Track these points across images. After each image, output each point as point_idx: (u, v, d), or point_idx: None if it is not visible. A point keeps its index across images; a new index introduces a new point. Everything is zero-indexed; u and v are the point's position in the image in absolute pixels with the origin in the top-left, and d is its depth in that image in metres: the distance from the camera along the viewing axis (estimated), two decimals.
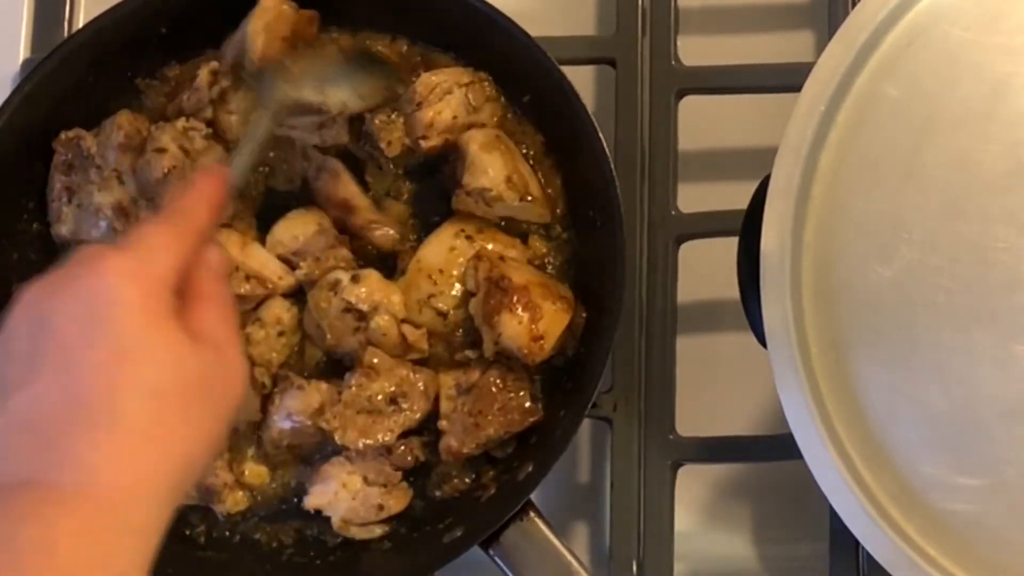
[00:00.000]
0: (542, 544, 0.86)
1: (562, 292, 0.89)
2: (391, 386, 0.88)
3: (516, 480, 0.87)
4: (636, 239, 0.95)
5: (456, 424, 0.88)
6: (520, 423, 0.88)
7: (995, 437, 0.75)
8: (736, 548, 0.97)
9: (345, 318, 0.89)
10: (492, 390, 0.88)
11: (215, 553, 0.92)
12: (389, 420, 0.88)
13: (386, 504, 0.88)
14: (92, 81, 0.93)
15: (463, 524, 0.88)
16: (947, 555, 0.75)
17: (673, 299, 0.95)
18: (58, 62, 0.92)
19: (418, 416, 0.88)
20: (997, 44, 0.78)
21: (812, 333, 0.78)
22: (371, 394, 0.88)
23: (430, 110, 0.91)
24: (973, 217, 0.76)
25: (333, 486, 0.89)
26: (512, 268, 0.88)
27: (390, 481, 0.89)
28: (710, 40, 1.02)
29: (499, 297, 0.87)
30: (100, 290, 0.67)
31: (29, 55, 1.03)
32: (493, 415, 0.88)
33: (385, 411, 0.88)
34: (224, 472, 0.90)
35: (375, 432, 0.88)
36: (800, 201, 0.79)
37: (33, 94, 0.92)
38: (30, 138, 0.93)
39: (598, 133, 0.88)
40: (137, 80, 0.95)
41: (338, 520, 0.89)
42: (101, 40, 0.93)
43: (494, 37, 0.91)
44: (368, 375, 0.88)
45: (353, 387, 0.88)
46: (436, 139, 0.91)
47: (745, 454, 0.96)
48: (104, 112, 0.94)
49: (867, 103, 0.79)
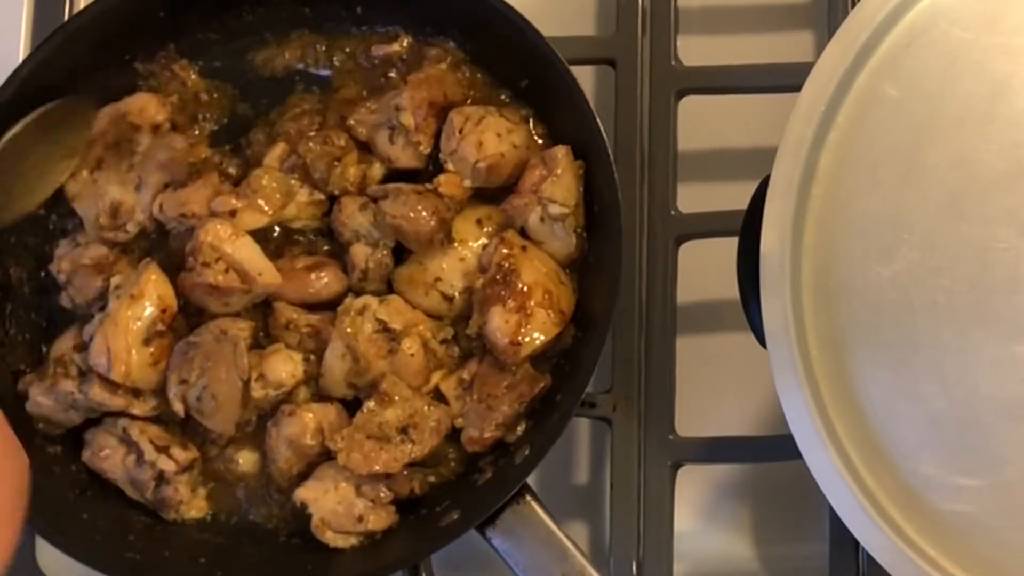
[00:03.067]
0: (538, 527, 0.87)
1: (563, 305, 0.89)
2: (404, 416, 0.88)
3: (513, 464, 0.87)
4: (636, 239, 0.95)
5: (470, 415, 0.89)
6: (531, 393, 0.88)
7: (995, 437, 0.75)
8: (736, 548, 0.97)
9: (377, 340, 0.89)
10: (494, 373, 0.88)
11: (211, 536, 0.92)
12: (396, 450, 0.88)
13: (366, 518, 0.88)
14: (91, 64, 0.94)
15: (460, 507, 0.88)
16: (947, 555, 0.75)
17: (673, 299, 0.95)
18: (57, 44, 0.92)
19: (425, 451, 0.88)
20: (997, 44, 0.78)
21: (812, 333, 0.78)
22: (383, 421, 0.88)
23: (474, 136, 0.90)
24: (973, 217, 0.76)
25: (326, 484, 0.89)
26: (527, 262, 0.88)
27: (379, 501, 0.89)
28: (710, 40, 1.02)
29: (500, 288, 0.87)
30: None
31: (30, 40, 1.03)
32: (502, 393, 0.88)
33: (394, 439, 0.88)
34: (184, 489, 0.91)
35: (379, 459, 0.88)
36: (800, 201, 0.79)
37: (32, 77, 0.92)
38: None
39: (598, 124, 0.88)
40: (136, 63, 0.96)
41: (317, 519, 0.89)
42: (100, 23, 0.93)
43: (494, 24, 0.91)
44: (382, 401, 0.88)
45: (366, 411, 0.88)
46: (490, 159, 0.90)
47: (745, 454, 0.96)
48: (101, 95, 0.94)
49: (867, 103, 0.79)
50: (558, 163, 0.89)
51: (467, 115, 0.91)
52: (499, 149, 0.90)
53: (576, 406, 0.87)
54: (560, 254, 0.90)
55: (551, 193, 0.89)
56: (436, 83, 0.92)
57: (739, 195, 0.85)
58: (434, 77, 0.92)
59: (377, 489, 0.88)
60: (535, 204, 0.89)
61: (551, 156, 0.90)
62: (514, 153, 0.91)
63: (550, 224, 0.90)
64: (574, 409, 0.87)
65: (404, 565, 0.89)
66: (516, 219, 0.90)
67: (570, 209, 0.89)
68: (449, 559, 0.91)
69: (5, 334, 0.93)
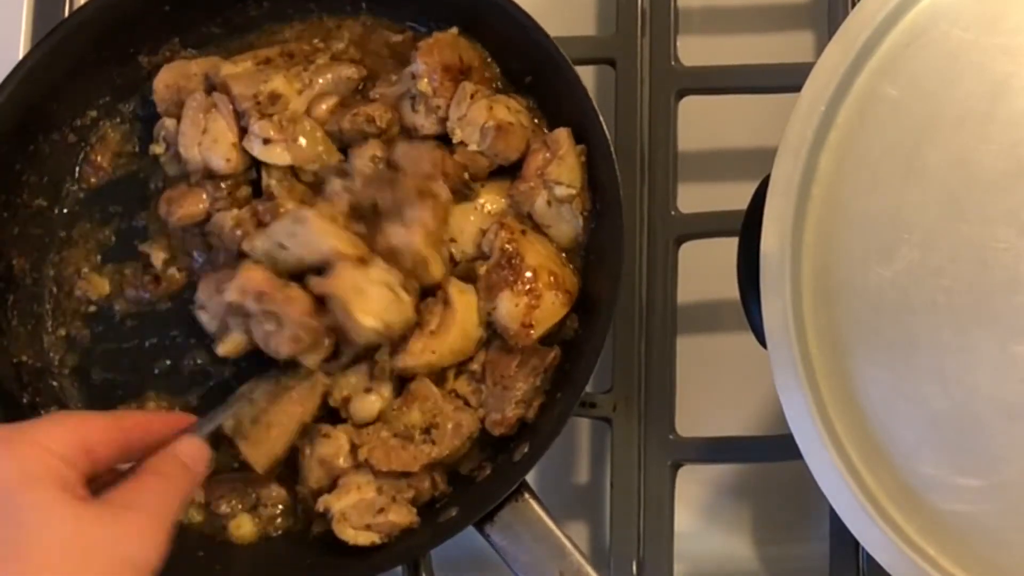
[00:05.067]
0: (537, 525, 0.87)
1: (568, 285, 0.89)
2: (429, 417, 0.88)
3: (512, 461, 0.88)
4: (636, 239, 0.95)
5: (490, 401, 0.89)
6: (543, 364, 0.88)
7: (995, 437, 0.75)
8: (736, 548, 0.97)
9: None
10: (502, 357, 0.89)
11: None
12: (417, 450, 0.88)
13: (387, 510, 0.88)
14: (95, 57, 0.94)
15: (459, 504, 0.88)
16: (947, 555, 0.75)
17: (673, 299, 0.95)
18: (60, 38, 0.93)
19: (444, 452, 0.88)
20: (997, 44, 0.78)
21: (812, 333, 0.78)
22: (408, 421, 0.88)
23: (485, 102, 0.90)
24: (973, 217, 0.76)
25: (349, 488, 0.88)
26: (529, 246, 0.88)
27: (400, 499, 0.88)
28: (710, 40, 1.02)
29: (506, 273, 0.87)
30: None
31: (30, 35, 1.03)
32: (515, 373, 0.88)
33: (416, 440, 0.88)
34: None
35: (400, 458, 0.88)
36: (800, 201, 0.79)
37: (35, 69, 0.92)
38: (32, 113, 0.93)
39: (600, 121, 0.89)
40: (140, 57, 0.96)
41: (338, 514, 0.88)
42: (104, 17, 0.93)
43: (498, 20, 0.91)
44: (408, 401, 0.89)
45: (394, 409, 0.89)
46: (499, 122, 0.90)
47: (745, 454, 0.96)
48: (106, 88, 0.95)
49: (867, 103, 0.79)
50: (560, 144, 0.90)
51: (479, 88, 0.91)
52: (508, 118, 0.90)
53: (576, 404, 0.87)
54: (567, 237, 0.91)
55: (557, 175, 0.89)
56: (448, 48, 0.92)
57: (739, 195, 0.85)
58: (444, 41, 0.92)
59: (400, 487, 0.88)
60: (541, 188, 0.90)
61: (553, 139, 0.90)
62: (523, 129, 0.91)
63: (557, 207, 0.90)
64: (573, 408, 0.87)
65: (403, 561, 0.89)
66: (523, 204, 0.90)
67: (576, 190, 0.90)
68: (448, 558, 0.91)
69: (8, 324, 0.94)
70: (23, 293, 0.95)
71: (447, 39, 0.92)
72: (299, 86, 0.93)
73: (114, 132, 0.97)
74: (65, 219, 0.96)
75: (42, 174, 0.95)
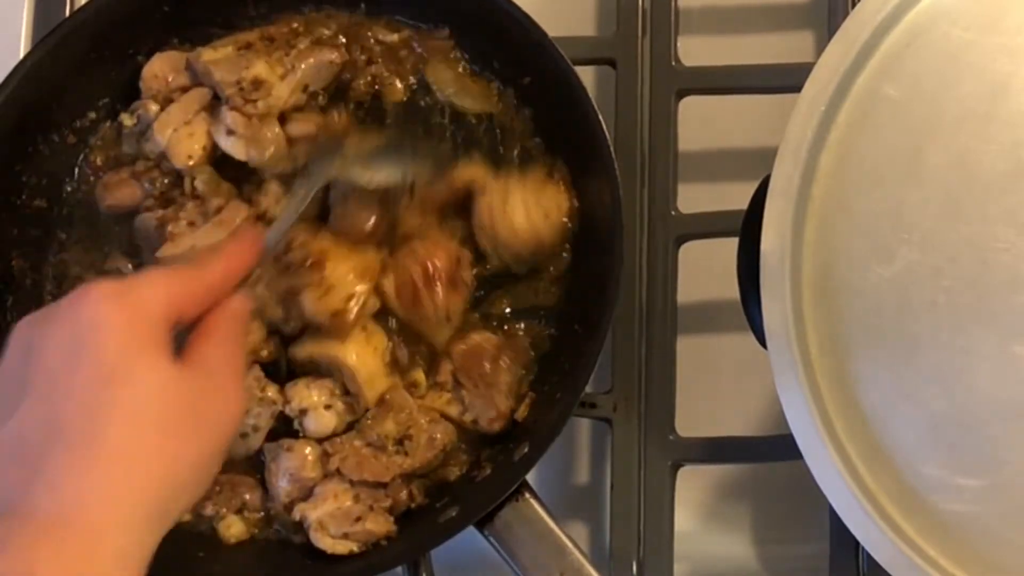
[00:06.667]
0: (537, 525, 0.86)
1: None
2: (403, 428, 0.88)
3: (512, 461, 0.87)
4: (636, 239, 0.95)
5: (476, 403, 0.89)
6: (526, 351, 0.90)
7: (995, 437, 0.75)
8: (736, 548, 0.97)
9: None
10: (470, 360, 0.89)
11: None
12: (389, 460, 0.88)
13: (364, 518, 0.87)
14: (94, 58, 0.94)
15: (459, 504, 0.88)
16: (947, 555, 0.75)
17: (673, 299, 0.95)
18: (60, 38, 0.93)
19: (417, 464, 0.88)
20: (997, 44, 0.78)
21: (812, 333, 0.78)
22: (381, 431, 0.88)
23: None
24: (973, 217, 0.76)
25: (325, 496, 0.88)
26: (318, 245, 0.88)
27: (377, 508, 0.88)
28: (710, 40, 1.02)
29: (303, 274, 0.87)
30: (84, 315, 0.67)
31: (31, 34, 1.03)
32: (493, 368, 0.89)
33: (389, 450, 0.88)
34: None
35: (372, 468, 0.88)
36: (800, 201, 0.79)
37: (35, 69, 0.92)
38: (32, 113, 0.93)
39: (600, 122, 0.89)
40: (139, 58, 0.96)
41: (315, 523, 0.88)
42: (103, 17, 0.93)
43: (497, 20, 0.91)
44: (383, 410, 0.89)
45: (368, 420, 0.89)
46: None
47: (745, 454, 0.96)
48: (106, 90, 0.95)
49: (867, 103, 0.79)
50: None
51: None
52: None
53: (576, 404, 0.87)
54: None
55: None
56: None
57: (739, 195, 0.85)
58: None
59: (377, 496, 0.88)
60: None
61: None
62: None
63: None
64: (573, 408, 0.87)
65: (403, 561, 0.89)
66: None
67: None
68: (449, 558, 0.91)
69: (7, 325, 0.93)
70: (22, 294, 0.95)
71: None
72: (281, 71, 0.93)
73: (113, 133, 0.97)
74: (65, 220, 0.96)
75: (41, 175, 0.95)
